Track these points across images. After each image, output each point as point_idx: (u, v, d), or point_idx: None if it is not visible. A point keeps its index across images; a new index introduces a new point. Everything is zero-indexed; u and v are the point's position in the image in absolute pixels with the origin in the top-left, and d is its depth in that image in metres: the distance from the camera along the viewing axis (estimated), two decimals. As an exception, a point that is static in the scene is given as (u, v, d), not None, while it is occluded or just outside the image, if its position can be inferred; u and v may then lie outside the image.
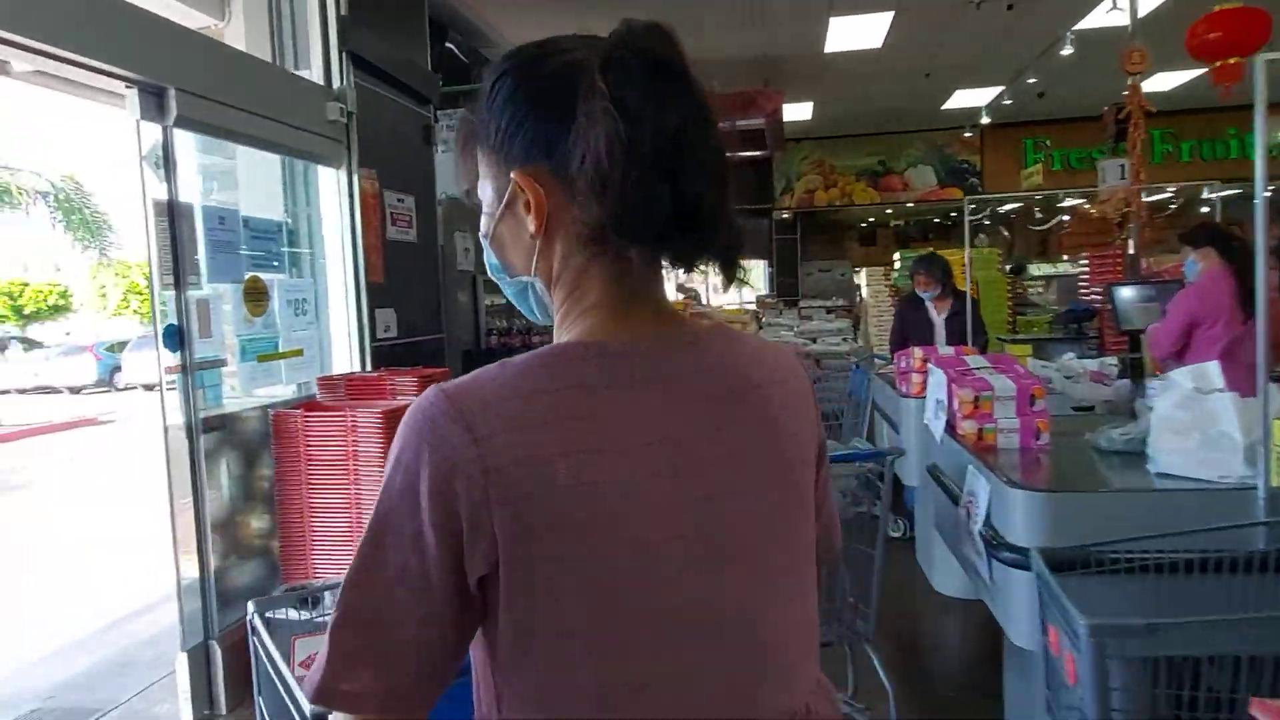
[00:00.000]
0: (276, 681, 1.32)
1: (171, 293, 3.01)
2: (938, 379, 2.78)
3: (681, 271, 0.77)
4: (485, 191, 0.79)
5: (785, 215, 13.77)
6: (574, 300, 0.76)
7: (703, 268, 0.74)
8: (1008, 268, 10.17)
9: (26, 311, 30.94)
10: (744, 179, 14.20)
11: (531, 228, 0.74)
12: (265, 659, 1.39)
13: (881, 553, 2.32)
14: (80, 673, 3.69)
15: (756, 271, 15.86)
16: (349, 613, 0.68)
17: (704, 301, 9.77)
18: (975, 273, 4.80)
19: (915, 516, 4.12)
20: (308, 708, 0.89)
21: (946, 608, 3.78)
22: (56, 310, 32.12)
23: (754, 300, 11.74)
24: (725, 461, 0.72)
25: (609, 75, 0.67)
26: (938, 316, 4.92)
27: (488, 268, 0.85)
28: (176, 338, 3.02)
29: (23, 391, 22.86)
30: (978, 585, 2.30)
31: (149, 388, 23.19)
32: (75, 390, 23.65)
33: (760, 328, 9.88)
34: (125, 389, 23.12)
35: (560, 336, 0.77)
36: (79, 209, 15.79)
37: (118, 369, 23.42)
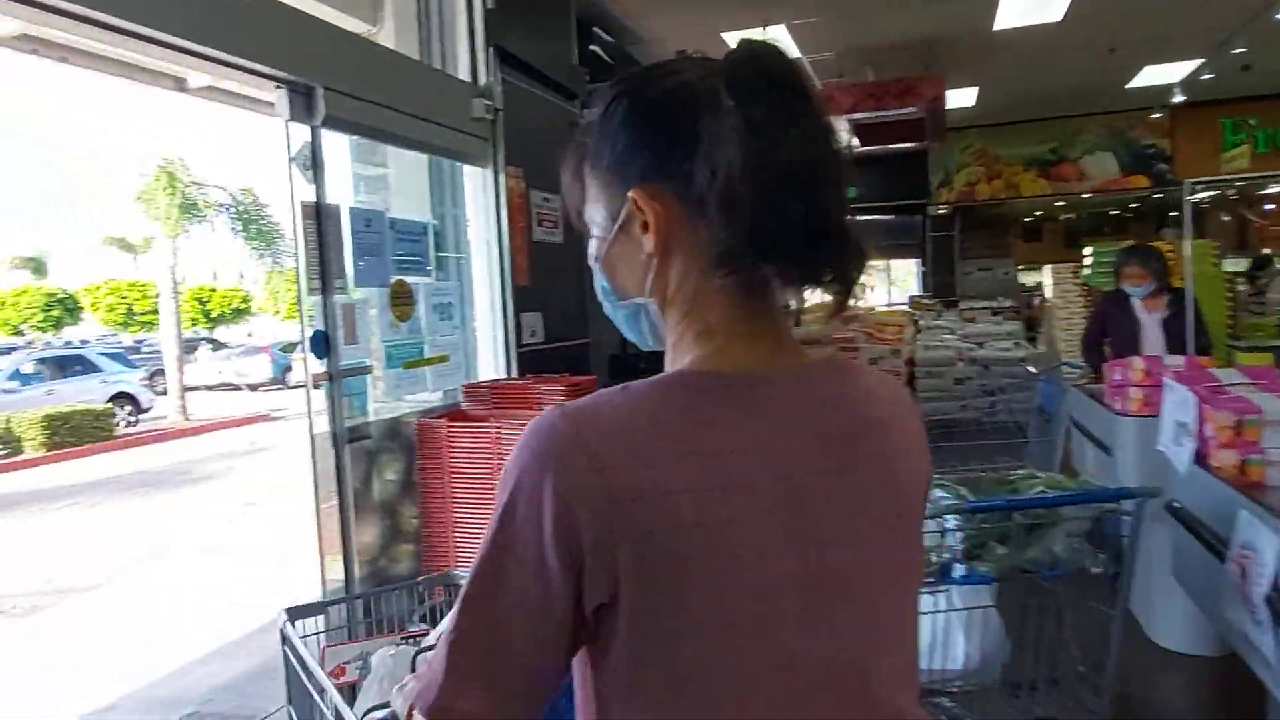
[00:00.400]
0: (311, 689, 1.32)
1: (318, 297, 2.93)
2: (1180, 397, 2.28)
3: (806, 290, 0.74)
4: (596, 214, 0.79)
5: (942, 210, 12.93)
6: (690, 322, 0.75)
7: (824, 285, 0.72)
8: (1233, 264, 8.92)
9: (213, 315, 33.72)
10: (895, 173, 13.52)
11: (649, 247, 0.74)
12: (298, 667, 1.38)
13: (1121, 615, 1.88)
14: (237, 676, 3.73)
15: (907, 271, 14.98)
16: (467, 633, 0.68)
17: (855, 304, 9.22)
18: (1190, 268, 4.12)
19: (1127, 551, 3.54)
20: (346, 714, 0.93)
21: (1170, 664, 3.20)
22: (239, 314, 35.01)
23: (907, 301, 11.08)
24: (842, 503, 0.71)
25: (735, 93, 0.68)
26: (1148, 316, 4.25)
27: (598, 292, 0.83)
28: (323, 344, 2.93)
29: (210, 388, 24.99)
30: (1249, 656, 1.83)
31: (317, 385, 24.82)
32: (254, 387, 25.62)
33: (918, 330, 9.27)
34: (296, 387, 24.83)
35: (675, 360, 0.76)
36: (255, 220, 16.94)
37: (289, 368, 25.18)
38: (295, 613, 1.53)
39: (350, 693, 1.46)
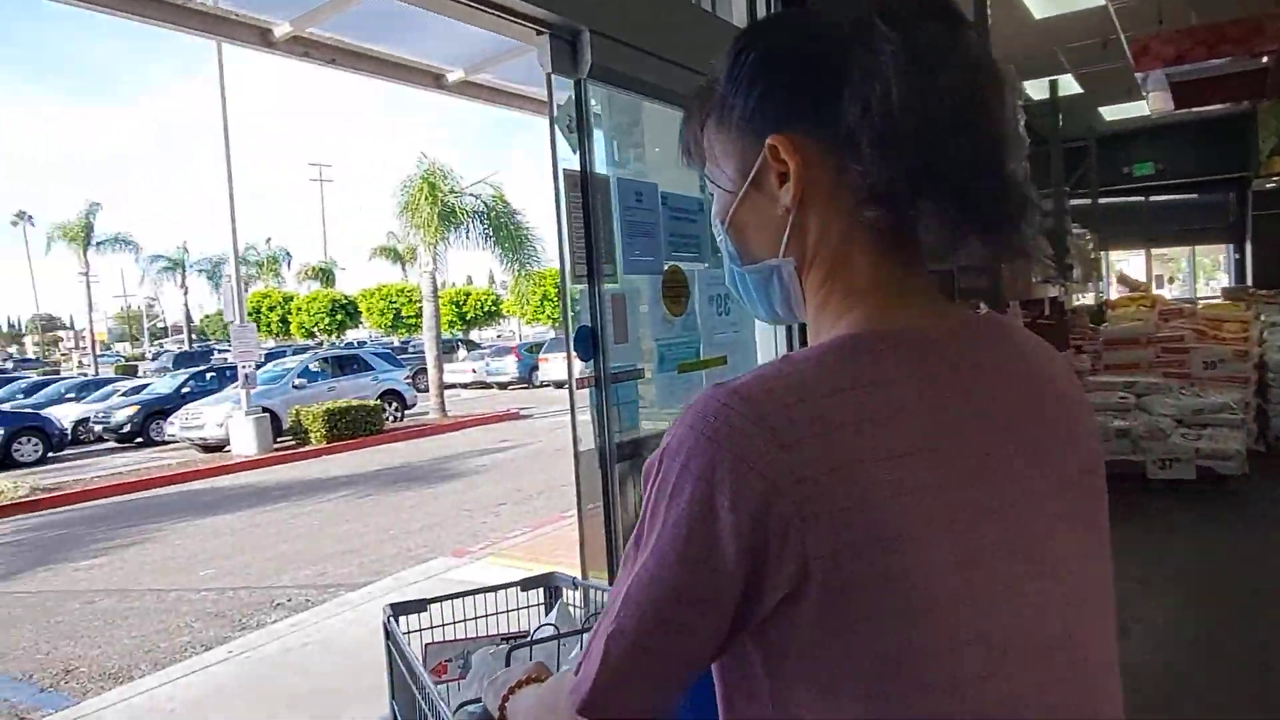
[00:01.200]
0: (413, 686, 1.32)
1: (584, 286, 2.43)
2: None
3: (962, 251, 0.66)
4: (724, 171, 0.74)
5: (1271, 185, 10.70)
6: (836, 281, 0.69)
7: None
8: None
9: (468, 317, 36.24)
10: (1205, 142, 11.38)
11: (786, 201, 0.69)
12: (400, 663, 1.39)
13: None
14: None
15: (1216, 257, 12.60)
16: (627, 628, 0.63)
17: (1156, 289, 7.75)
18: None
19: None
20: (444, 712, 1.11)
21: None
22: (490, 316, 37.36)
23: (1220, 293, 9.23)
24: (1027, 467, 0.65)
25: (890, 22, 0.63)
26: None
27: (724, 257, 0.78)
28: (589, 342, 2.43)
29: (464, 386, 26.73)
30: None
31: (559, 385, 25.94)
32: (503, 386, 27.10)
33: (1263, 327, 7.55)
34: (540, 386, 25.93)
35: (822, 325, 0.71)
36: (504, 225, 17.64)
37: (535, 368, 26.36)
38: (399, 609, 1.53)
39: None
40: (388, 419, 16.24)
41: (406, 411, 17.83)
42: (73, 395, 21.06)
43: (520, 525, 7.33)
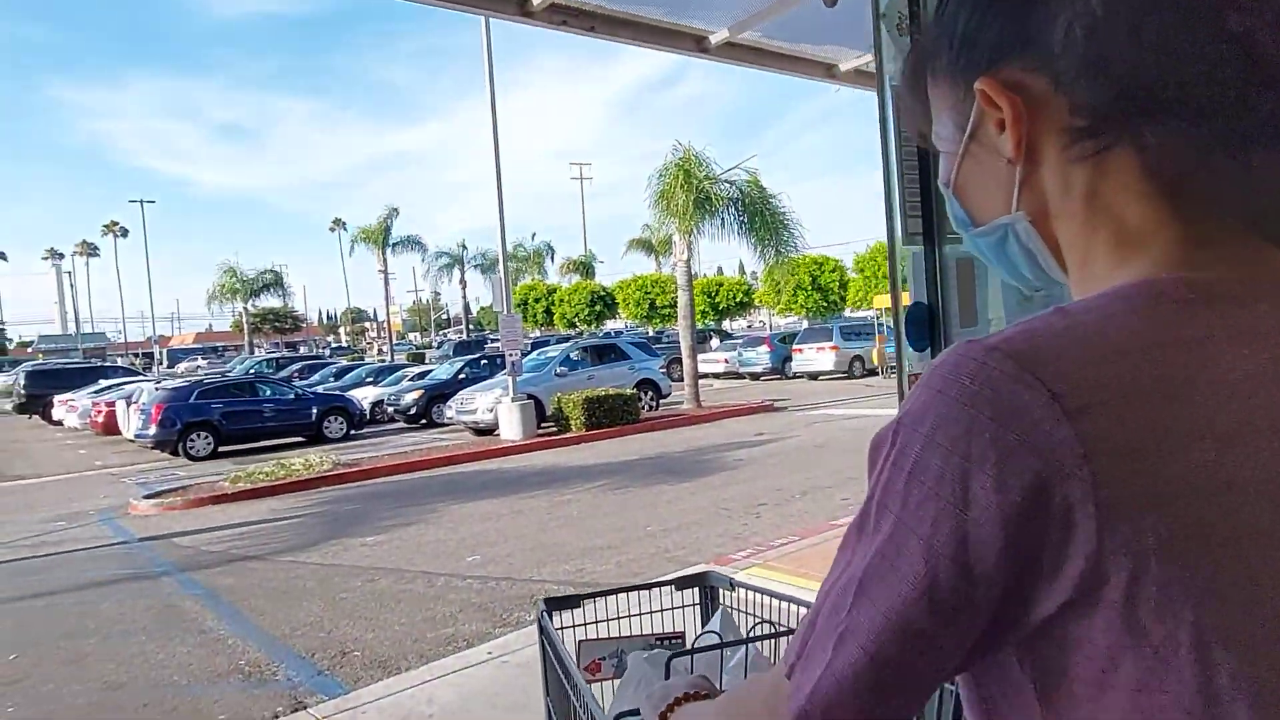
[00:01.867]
0: (566, 685, 1.32)
1: (917, 249, 1.76)
2: None
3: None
4: (942, 129, 0.65)
5: None
6: (1098, 230, 0.56)
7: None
8: None
9: (720, 307, 36.21)
10: None
11: (1008, 150, 0.59)
12: (554, 660, 1.40)
13: None
14: None
15: None
16: (859, 629, 0.51)
17: None
18: None
19: None
20: (595, 711, 1.08)
21: None
22: (742, 306, 36.93)
23: None
24: None
25: None
26: None
27: (954, 223, 0.68)
28: (925, 324, 1.76)
29: (717, 376, 26.57)
30: None
31: (813, 377, 25.02)
32: (755, 376, 26.62)
33: None
34: (793, 377, 25.11)
35: (1092, 278, 0.57)
36: (760, 211, 17.06)
37: (788, 359, 25.55)
38: (553, 604, 1.52)
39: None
40: (643, 408, 16.33)
41: (661, 401, 17.87)
42: (371, 379, 23.53)
43: (784, 531, 6.73)
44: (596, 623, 1.55)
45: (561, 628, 1.51)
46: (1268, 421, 0.48)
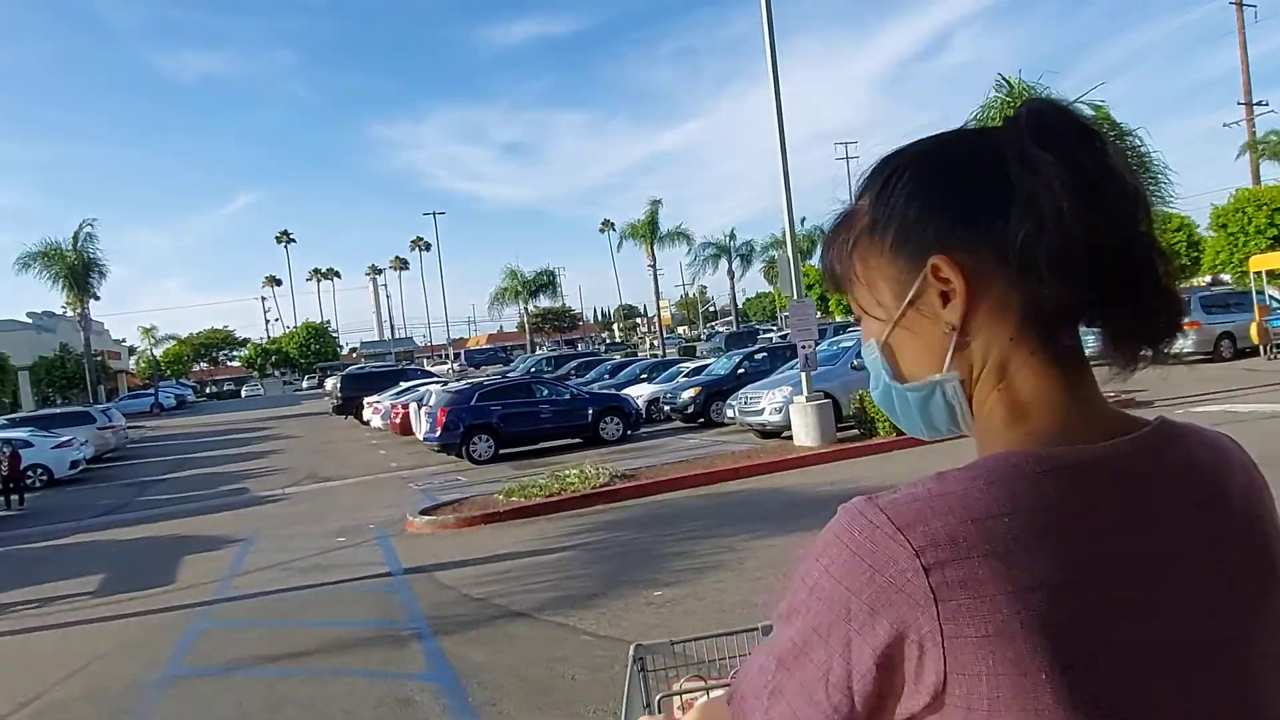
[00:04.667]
0: None
1: None
2: None
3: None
4: (878, 294, 0.74)
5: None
6: (1003, 394, 0.70)
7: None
8: None
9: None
10: None
11: (953, 318, 0.69)
12: (641, 699, 1.45)
13: None
14: None
15: None
16: (777, 688, 0.67)
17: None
18: None
19: None
20: None
21: None
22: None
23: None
24: (1217, 586, 0.65)
25: (1048, 142, 0.65)
26: None
27: (873, 374, 0.78)
28: None
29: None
30: None
31: (1178, 360, 19.87)
32: (1080, 362, 22.16)
33: None
34: (1199, 360, 20.46)
35: (989, 437, 0.71)
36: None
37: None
38: (644, 649, 1.52)
39: None
40: (963, 406, 13.42)
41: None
42: (645, 375, 22.51)
43: None
44: (689, 665, 1.50)
45: (650, 670, 1.50)
46: (1093, 571, 0.61)
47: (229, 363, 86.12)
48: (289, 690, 4.96)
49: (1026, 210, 0.63)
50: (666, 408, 18.44)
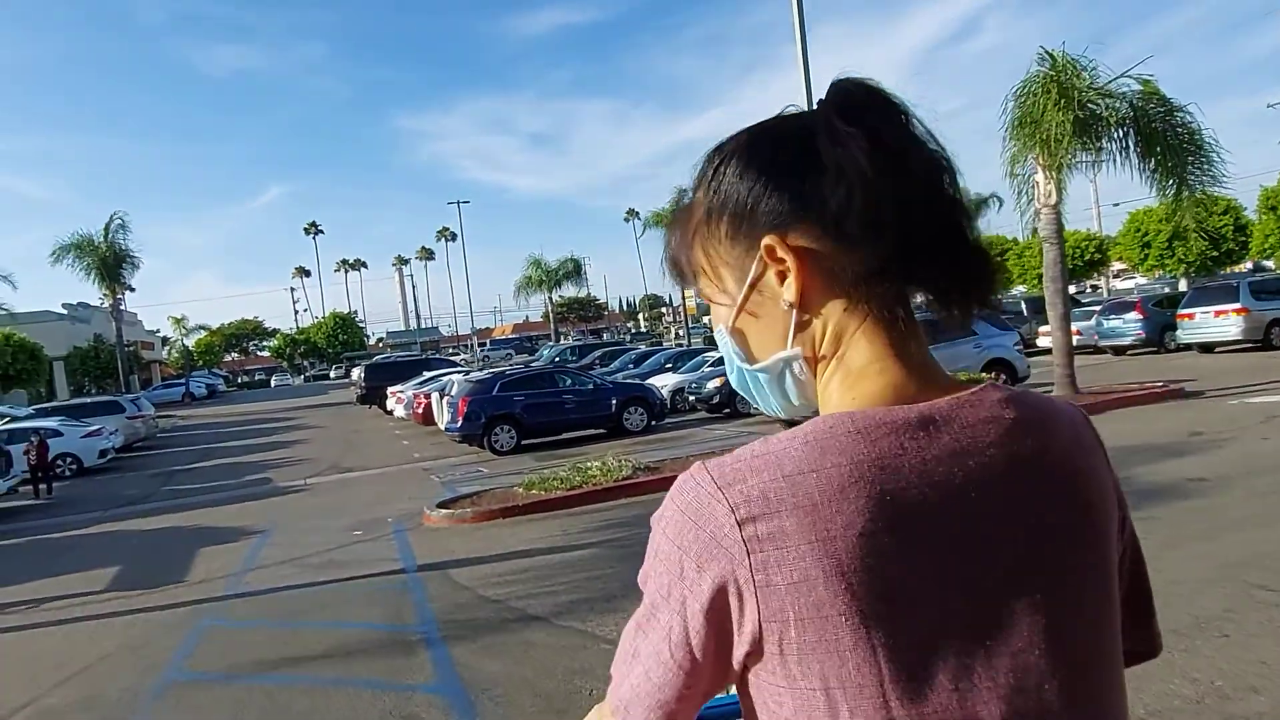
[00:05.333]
0: None
1: None
2: None
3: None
4: (721, 281, 0.77)
5: None
6: (838, 365, 0.73)
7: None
8: None
9: (1068, 266, 30.55)
10: None
11: (790, 295, 0.72)
12: None
13: None
14: None
15: None
16: (638, 652, 0.71)
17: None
18: None
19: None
20: None
21: None
22: (1091, 266, 30.69)
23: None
24: (1028, 541, 0.67)
25: (852, 116, 0.68)
26: None
27: (727, 359, 0.81)
28: None
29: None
30: None
31: (1206, 349, 19.40)
32: (1119, 351, 21.45)
33: None
34: (1174, 350, 19.77)
35: (826, 408, 0.74)
36: (1157, 133, 12.75)
37: (1169, 327, 20.14)
38: None
39: None
40: (1000, 396, 12.90)
41: (1018, 384, 14.24)
42: (670, 365, 22.14)
43: None
44: None
45: None
46: (893, 525, 0.63)
47: (259, 353, 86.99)
48: (288, 701, 4.68)
49: (836, 180, 0.67)
50: (691, 398, 18.07)
